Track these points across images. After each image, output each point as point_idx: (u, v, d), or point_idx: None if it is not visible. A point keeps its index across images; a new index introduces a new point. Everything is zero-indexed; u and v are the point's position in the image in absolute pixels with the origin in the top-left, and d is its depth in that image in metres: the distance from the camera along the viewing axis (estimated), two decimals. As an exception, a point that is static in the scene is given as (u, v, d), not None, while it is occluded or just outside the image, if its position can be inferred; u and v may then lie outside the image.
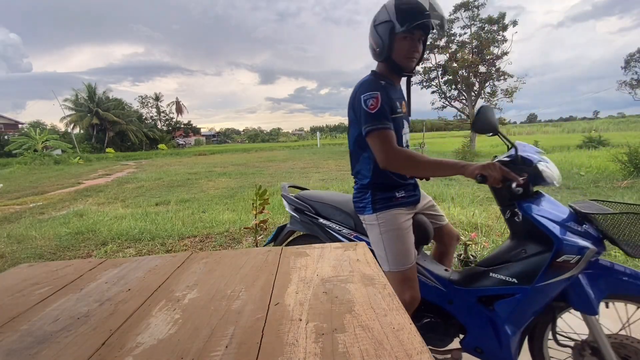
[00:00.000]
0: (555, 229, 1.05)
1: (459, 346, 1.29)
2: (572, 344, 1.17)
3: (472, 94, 14.24)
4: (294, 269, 0.78)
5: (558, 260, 1.02)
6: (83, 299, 0.68)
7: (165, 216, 4.40)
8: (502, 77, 13.67)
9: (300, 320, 0.56)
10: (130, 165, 15.75)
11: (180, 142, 43.90)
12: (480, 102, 14.35)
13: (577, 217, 1.10)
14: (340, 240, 1.45)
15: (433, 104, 15.63)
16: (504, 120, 14.76)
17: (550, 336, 1.20)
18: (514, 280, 1.11)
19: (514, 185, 1.03)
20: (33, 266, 0.90)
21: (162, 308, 0.63)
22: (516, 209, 1.13)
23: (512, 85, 13.68)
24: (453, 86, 14.59)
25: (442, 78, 14.88)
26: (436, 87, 15.18)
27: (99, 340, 0.53)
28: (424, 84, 15.33)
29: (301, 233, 1.71)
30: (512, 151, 1.15)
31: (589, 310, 1.05)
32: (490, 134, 1.15)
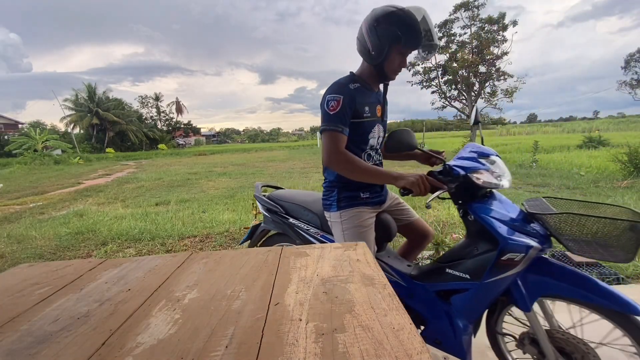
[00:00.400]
0: (501, 229, 1.10)
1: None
2: (517, 334, 1.25)
3: (472, 94, 14.22)
4: (294, 269, 0.78)
5: (503, 258, 1.08)
6: (83, 299, 0.68)
7: (165, 216, 4.40)
8: (502, 77, 13.65)
9: (300, 320, 0.56)
10: (130, 165, 15.75)
11: (180, 142, 43.92)
12: (480, 102, 14.34)
13: (527, 216, 1.15)
14: (308, 240, 1.52)
15: (433, 104, 15.62)
16: (504, 120, 14.70)
17: (504, 326, 1.29)
18: (467, 276, 1.18)
19: (429, 201, 1.13)
20: (33, 266, 0.90)
21: (162, 308, 0.63)
22: (468, 209, 1.20)
23: (512, 85, 13.67)
24: (453, 86, 14.58)
25: (442, 78, 14.87)
26: (436, 87, 15.16)
27: (99, 340, 0.53)
28: (424, 84, 15.32)
29: (275, 232, 1.77)
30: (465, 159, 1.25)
31: (523, 307, 1.13)
32: (406, 152, 1.23)
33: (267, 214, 1.72)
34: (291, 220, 1.59)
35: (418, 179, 1.10)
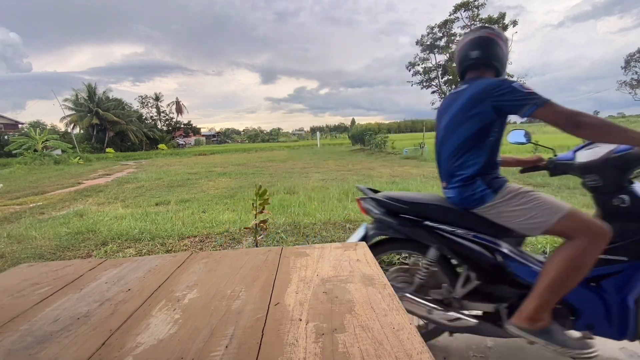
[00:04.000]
0: None
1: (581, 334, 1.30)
2: None
3: (472, 94, 14.24)
4: (294, 269, 0.78)
5: None
6: (83, 299, 0.68)
7: (165, 216, 4.40)
8: (502, 77, 13.65)
9: (300, 320, 0.56)
10: (130, 165, 15.75)
11: (180, 142, 43.98)
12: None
13: None
14: (457, 242, 1.36)
15: (433, 104, 15.64)
16: (504, 120, 14.67)
17: None
18: (624, 258, 1.22)
19: None
20: (33, 266, 0.90)
21: (162, 308, 0.63)
22: (622, 195, 1.23)
23: (512, 85, 13.66)
24: (453, 86, 14.59)
25: (442, 78, 14.88)
26: (436, 87, 15.18)
27: (99, 340, 0.53)
28: (424, 84, 15.34)
29: (385, 237, 1.53)
30: None
31: None
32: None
33: (385, 219, 1.46)
34: (427, 222, 1.39)
35: None
